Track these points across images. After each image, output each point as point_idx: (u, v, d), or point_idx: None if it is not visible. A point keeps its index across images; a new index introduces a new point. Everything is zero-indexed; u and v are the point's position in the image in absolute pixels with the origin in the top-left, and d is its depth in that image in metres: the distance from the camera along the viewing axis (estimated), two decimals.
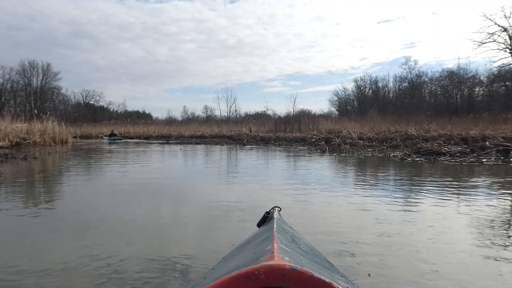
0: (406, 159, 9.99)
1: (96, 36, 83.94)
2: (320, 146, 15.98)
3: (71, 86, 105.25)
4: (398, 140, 17.28)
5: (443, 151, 11.10)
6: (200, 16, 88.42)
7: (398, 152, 12.22)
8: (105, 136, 30.76)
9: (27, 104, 51.04)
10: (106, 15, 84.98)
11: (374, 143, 17.10)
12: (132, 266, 2.51)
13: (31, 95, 51.50)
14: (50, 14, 79.46)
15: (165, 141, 26.19)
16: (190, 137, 29.58)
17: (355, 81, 53.49)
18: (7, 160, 9.66)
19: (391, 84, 49.90)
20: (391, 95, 49.90)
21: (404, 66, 46.90)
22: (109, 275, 2.36)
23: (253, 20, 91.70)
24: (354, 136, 18.78)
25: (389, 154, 11.59)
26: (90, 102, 63.06)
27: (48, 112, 21.48)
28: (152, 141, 25.97)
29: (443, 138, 15.49)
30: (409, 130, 19.68)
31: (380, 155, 11.59)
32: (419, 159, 10.06)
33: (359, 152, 12.68)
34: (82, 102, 62.09)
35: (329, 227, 3.44)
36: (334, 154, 12.42)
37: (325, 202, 4.61)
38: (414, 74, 46.07)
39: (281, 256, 0.98)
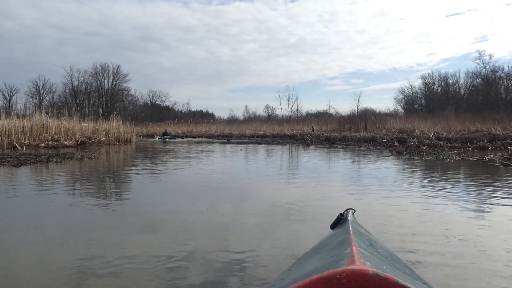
0: (510, 165, 8.39)
1: (163, 39, 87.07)
2: (395, 147, 14.53)
3: (139, 87, 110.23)
4: (485, 141, 15.32)
5: None
6: (261, 16, 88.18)
7: (492, 155, 10.57)
8: (158, 136, 30.90)
9: (99, 105, 54.25)
10: (171, 18, 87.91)
11: (456, 144, 15.28)
12: (194, 265, 2.50)
13: (102, 96, 54.63)
14: (121, 19, 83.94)
15: (226, 140, 25.93)
16: (251, 137, 29.17)
17: (423, 77, 50.07)
18: (62, 161, 9.52)
19: (462, 81, 46.00)
20: (462, 92, 45.96)
21: (477, 61, 42.88)
22: (172, 273, 2.36)
23: (313, 18, 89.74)
24: (431, 136, 17.00)
25: (483, 158, 9.97)
26: (157, 102, 65.30)
27: (115, 112, 22.07)
28: (213, 141, 25.75)
29: None
30: (492, 129, 17.52)
31: (472, 159, 9.95)
32: None
33: (443, 155, 11.14)
34: (149, 102, 64.52)
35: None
36: (415, 157, 10.97)
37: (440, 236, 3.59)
38: (489, 69, 41.92)
39: (362, 261, 0.94)
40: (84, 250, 2.78)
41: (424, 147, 13.68)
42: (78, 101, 53.02)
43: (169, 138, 28.23)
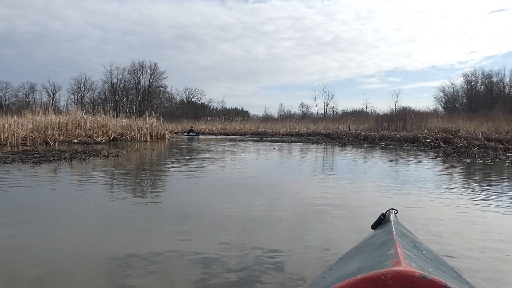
0: None
1: (199, 37, 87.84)
2: (441, 148, 13.49)
3: (176, 85, 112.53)
4: None
5: None
6: (297, 14, 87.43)
7: None
8: (184, 133, 31.33)
9: (137, 102, 55.36)
10: (208, 17, 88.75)
11: (509, 146, 13.98)
12: (229, 261, 2.47)
13: (140, 93, 55.70)
14: (159, 19, 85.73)
15: (259, 138, 25.43)
16: (286, 135, 28.58)
17: (465, 76, 47.71)
18: (87, 158, 9.29)
19: (507, 79, 43.38)
20: (507, 90, 43.31)
21: None
22: (207, 268, 2.35)
23: (350, 15, 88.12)
24: (480, 136, 15.71)
25: None
26: (192, 99, 66.00)
27: (149, 109, 22.09)
28: (247, 138, 25.30)
29: None
30: None
31: None
32: None
33: (498, 158, 10.09)
34: (185, 99, 65.27)
35: None
36: (466, 159, 9.95)
37: None
38: None
39: (408, 262, 0.91)
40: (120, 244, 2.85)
41: (475, 149, 12.56)
42: (116, 98, 54.35)
43: (195, 135, 28.69)
